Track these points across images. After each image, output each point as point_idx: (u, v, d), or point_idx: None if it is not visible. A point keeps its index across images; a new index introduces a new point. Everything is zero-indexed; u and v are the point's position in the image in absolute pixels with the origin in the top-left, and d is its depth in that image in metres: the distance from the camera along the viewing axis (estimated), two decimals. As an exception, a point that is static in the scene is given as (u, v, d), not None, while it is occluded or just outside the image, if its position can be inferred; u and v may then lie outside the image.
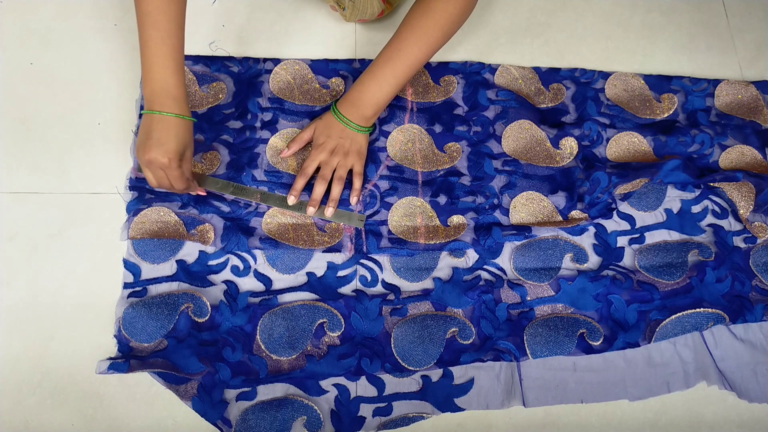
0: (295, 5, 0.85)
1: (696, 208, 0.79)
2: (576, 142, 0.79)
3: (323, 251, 0.71)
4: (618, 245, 0.76)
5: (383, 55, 0.71)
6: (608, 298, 0.71)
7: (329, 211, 0.71)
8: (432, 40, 0.70)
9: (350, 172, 0.74)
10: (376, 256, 0.72)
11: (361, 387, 0.66)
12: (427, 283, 0.72)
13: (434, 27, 0.69)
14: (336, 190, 0.72)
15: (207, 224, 0.70)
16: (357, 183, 0.74)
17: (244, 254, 0.70)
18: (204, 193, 0.71)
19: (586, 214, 0.75)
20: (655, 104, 0.85)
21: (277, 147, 0.76)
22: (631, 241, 0.76)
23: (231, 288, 0.69)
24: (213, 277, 0.69)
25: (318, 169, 0.73)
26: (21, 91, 0.76)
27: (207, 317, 0.66)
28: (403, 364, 0.66)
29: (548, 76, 0.85)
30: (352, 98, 0.72)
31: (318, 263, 0.71)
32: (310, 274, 0.70)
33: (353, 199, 0.73)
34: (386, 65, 0.71)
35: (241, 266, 0.70)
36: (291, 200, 0.72)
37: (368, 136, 0.75)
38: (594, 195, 0.75)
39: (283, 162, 0.75)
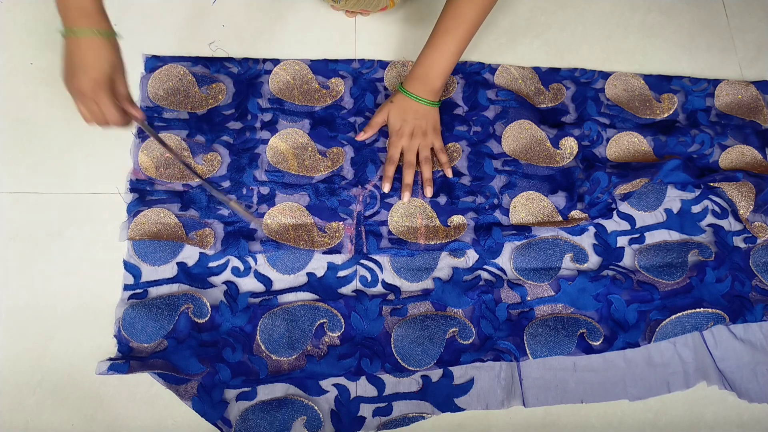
0: (295, 5, 0.85)
1: (696, 208, 0.79)
2: (576, 142, 0.79)
3: (323, 252, 0.71)
4: (618, 245, 0.76)
5: (441, 25, 0.71)
6: (608, 298, 0.71)
7: (429, 191, 0.74)
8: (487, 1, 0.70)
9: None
10: (376, 257, 0.72)
11: (361, 387, 0.66)
12: (427, 283, 0.72)
13: None
14: (427, 172, 0.74)
15: (207, 228, 0.70)
16: (443, 157, 0.76)
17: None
18: (140, 116, 0.62)
19: (586, 214, 0.75)
20: (655, 104, 0.85)
21: (278, 147, 0.76)
22: (631, 241, 0.76)
23: (231, 288, 0.69)
24: (213, 279, 0.69)
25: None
26: (21, 91, 0.76)
27: (207, 318, 0.66)
28: (403, 364, 0.66)
29: (548, 76, 0.85)
30: (419, 75, 0.73)
31: (318, 263, 0.71)
32: (310, 275, 0.70)
33: (449, 172, 0.75)
34: (446, 34, 0.71)
35: (242, 267, 0.70)
36: (386, 188, 0.74)
37: (438, 109, 0.76)
38: (594, 195, 0.75)
39: (283, 162, 0.75)
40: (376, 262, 0.72)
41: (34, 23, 0.80)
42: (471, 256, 0.73)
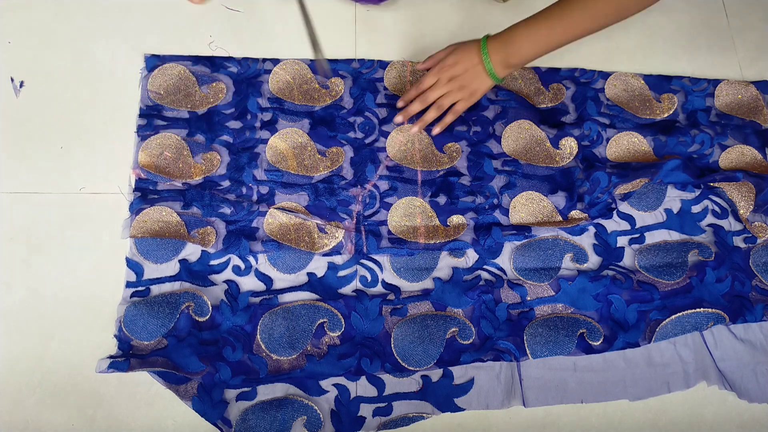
0: (295, 5, 0.85)
1: (696, 208, 0.79)
2: (576, 142, 0.79)
3: (323, 255, 0.71)
4: (618, 245, 0.76)
5: (549, 11, 0.67)
6: (608, 298, 0.71)
7: (414, 129, 0.73)
8: (601, 15, 0.65)
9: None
10: (376, 256, 0.72)
11: (361, 387, 0.66)
12: (427, 283, 0.72)
13: (607, 3, 0.65)
14: (430, 115, 0.73)
15: (209, 227, 0.70)
16: (449, 118, 0.74)
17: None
18: None
19: (586, 214, 0.75)
20: (655, 104, 0.85)
21: (277, 147, 0.76)
22: (631, 241, 0.76)
23: (232, 287, 0.69)
24: (214, 277, 0.69)
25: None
26: (21, 90, 0.76)
27: (207, 316, 0.66)
28: (403, 364, 0.66)
29: (548, 76, 0.85)
30: (504, 39, 0.69)
31: (318, 263, 0.71)
32: (310, 274, 0.70)
33: (435, 130, 0.75)
34: (545, 24, 0.67)
35: (242, 266, 0.70)
36: (399, 119, 0.74)
37: (491, 86, 0.73)
38: (594, 195, 0.75)
39: (283, 161, 0.75)
40: (376, 261, 0.72)
41: (34, 23, 0.80)
42: (471, 256, 0.73)
